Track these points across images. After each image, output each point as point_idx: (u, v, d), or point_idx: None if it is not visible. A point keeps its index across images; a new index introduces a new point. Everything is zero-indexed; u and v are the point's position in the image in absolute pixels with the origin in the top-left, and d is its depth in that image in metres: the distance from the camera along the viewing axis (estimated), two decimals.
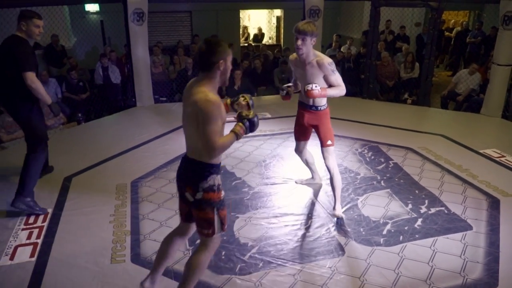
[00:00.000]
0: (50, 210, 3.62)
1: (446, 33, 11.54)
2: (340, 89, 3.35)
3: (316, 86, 3.26)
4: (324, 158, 3.54)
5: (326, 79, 3.33)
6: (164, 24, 10.74)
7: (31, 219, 3.48)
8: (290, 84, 3.59)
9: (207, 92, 2.16)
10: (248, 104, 2.55)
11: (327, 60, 3.28)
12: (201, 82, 2.23)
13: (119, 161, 4.64)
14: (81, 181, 4.17)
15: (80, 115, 6.28)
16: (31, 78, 3.41)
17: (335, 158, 3.60)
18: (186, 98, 2.26)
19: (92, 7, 9.75)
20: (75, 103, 6.96)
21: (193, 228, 2.52)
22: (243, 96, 2.58)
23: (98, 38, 9.28)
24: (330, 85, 3.35)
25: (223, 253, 3.08)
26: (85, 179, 4.24)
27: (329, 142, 3.53)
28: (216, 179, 2.30)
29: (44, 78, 6.76)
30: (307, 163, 4.03)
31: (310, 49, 3.26)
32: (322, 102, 3.50)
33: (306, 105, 3.53)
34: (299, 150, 3.90)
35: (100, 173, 4.37)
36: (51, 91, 6.73)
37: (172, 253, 2.59)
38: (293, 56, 3.48)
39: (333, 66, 3.32)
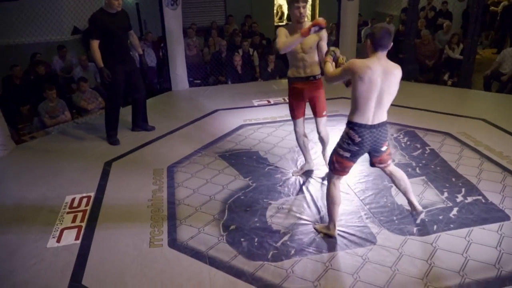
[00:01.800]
0: (92, 194, 3.81)
1: (492, 8, 10.96)
2: None
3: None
4: (321, 128, 3.86)
5: (319, 45, 3.57)
6: (198, 5, 10.74)
7: (75, 203, 3.68)
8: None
9: None
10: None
11: None
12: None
13: (156, 146, 4.79)
14: (120, 166, 4.35)
15: None
16: (92, 44, 4.36)
17: None
18: (386, 73, 2.73)
19: None
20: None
21: None
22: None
23: (134, 21, 9.37)
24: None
25: (256, 239, 3.16)
26: (124, 164, 4.41)
27: (325, 113, 3.84)
28: None
29: (83, 62, 7.00)
30: (304, 146, 4.06)
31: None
32: (319, 70, 3.65)
33: (304, 78, 3.67)
34: (299, 129, 3.93)
35: (138, 158, 4.53)
36: (91, 75, 6.95)
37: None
38: (284, 29, 3.54)
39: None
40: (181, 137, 5.00)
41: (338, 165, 2.98)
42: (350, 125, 2.87)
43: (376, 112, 2.84)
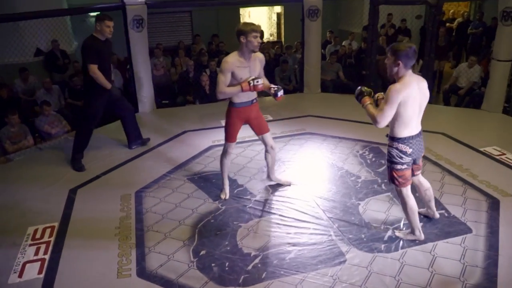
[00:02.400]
0: (56, 224, 3.70)
1: (448, 24, 11.47)
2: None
3: (260, 81, 3.58)
4: (270, 142, 3.98)
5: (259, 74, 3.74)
6: (164, 25, 10.77)
7: (38, 234, 3.56)
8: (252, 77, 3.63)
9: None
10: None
11: (262, 55, 3.78)
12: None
13: (123, 171, 4.72)
14: (86, 193, 4.26)
15: None
16: (92, 69, 4.47)
17: None
18: (419, 85, 3.01)
19: None
20: (79, 109, 7.02)
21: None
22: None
23: None
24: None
25: (227, 264, 3.15)
26: (90, 190, 4.32)
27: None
28: None
29: (47, 85, 6.85)
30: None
31: None
32: (256, 94, 3.82)
33: (249, 102, 3.79)
34: (231, 152, 4.02)
35: (105, 183, 4.45)
36: (54, 98, 6.81)
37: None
38: (230, 58, 3.58)
39: None
40: (149, 161, 4.95)
41: (401, 179, 3.17)
42: (399, 140, 3.06)
43: (417, 121, 3.09)
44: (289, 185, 4.26)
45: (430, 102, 6.65)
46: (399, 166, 3.13)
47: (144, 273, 3.07)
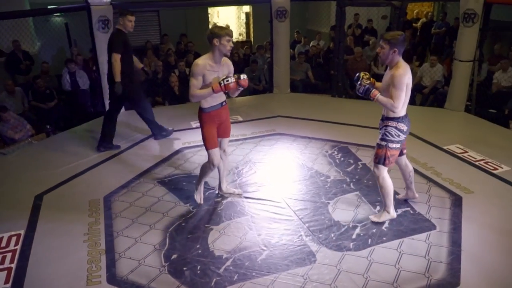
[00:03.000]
0: (22, 232, 3.61)
1: (413, 25, 11.78)
2: None
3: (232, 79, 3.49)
4: (225, 146, 3.95)
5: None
6: None
7: (3, 243, 3.46)
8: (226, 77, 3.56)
9: None
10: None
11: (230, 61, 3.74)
12: None
13: (91, 175, 4.63)
14: (53, 199, 4.16)
15: (48, 126, 6.18)
16: (115, 57, 4.83)
17: None
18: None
19: None
20: (43, 112, 6.85)
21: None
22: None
23: (63, 41, 9.08)
24: None
25: (198, 267, 3.15)
26: (57, 196, 4.22)
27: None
28: None
29: (9, 88, 6.63)
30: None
31: None
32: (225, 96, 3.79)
33: (221, 104, 3.73)
34: (219, 157, 3.85)
35: (72, 188, 4.36)
36: (18, 101, 6.61)
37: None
38: (201, 60, 3.50)
39: None
40: (117, 164, 4.87)
41: (392, 158, 3.44)
42: (399, 119, 3.33)
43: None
44: (240, 194, 4.15)
45: None
46: (394, 145, 3.39)
47: (114, 279, 3.03)
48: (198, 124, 3.90)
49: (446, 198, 4.02)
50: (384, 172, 3.49)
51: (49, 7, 8.28)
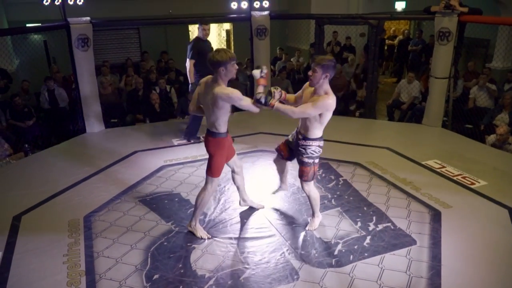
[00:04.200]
0: (0, 254, 3.51)
1: (388, 42, 12.09)
2: None
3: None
4: (238, 162, 4.05)
5: None
6: (111, 42, 10.59)
7: None
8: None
9: None
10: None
11: None
12: None
13: (71, 195, 4.55)
14: (31, 219, 4.07)
15: (27, 145, 6.08)
16: (189, 62, 5.61)
17: None
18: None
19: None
20: (22, 130, 6.74)
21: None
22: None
23: (42, 59, 9.00)
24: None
25: (181, 287, 3.12)
26: (36, 216, 4.13)
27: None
28: None
29: None
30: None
31: None
32: None
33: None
34: (216, 189, 4.08)
35: (51, 209, 4.28)
36: None
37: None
38: (204, 79, 3.49)
39: None
40: (98, 183, 4.80)
41: (317, 173, 3.79)
42: (319, 139, 3.52)
43: None
44: (263, 207, 4.21)
45: (374, 117, 7.10)
46: (317, 161, 3.60)
47: None
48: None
49: (425, 213, 4.09)
50: (312, 186, 3.69)
51: (27, 25, 8.25)
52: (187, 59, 5.62)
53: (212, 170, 3.57)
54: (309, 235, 3.75)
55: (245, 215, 4.11)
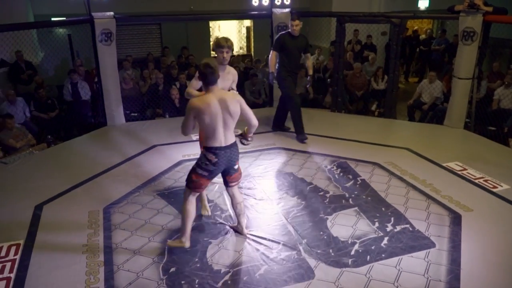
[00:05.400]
0: (21, 242, 3.60)
1: (415, 42, 11.89)
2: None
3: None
4: None
5: (232, 85, 3.95)
6: (133, 36, 10.69)
7: (3, 252, 3.46)
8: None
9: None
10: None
11: (235, 72, 4.02)
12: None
13: (91, 186, 4.63)
14: (52, 209, 4.16)
15: (49, 137, 6.20)
16: (271, 52, 5.94)
17: None
18: (222, 101, 3.18)
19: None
20: (45, 122, 6.88)
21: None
22: None
23: (66, 52, 9.14)
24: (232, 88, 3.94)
25: (197, 281, 3.14)
26: (57, 206, 4.22)
27: None
28: None
29: (11, 97, 6.66)
30: None
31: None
32: None
33: None
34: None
35: (72, 199, 4.36)
36: (19, 111, 6.63)
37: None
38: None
39: None
40: (117, 176, 4.87)
41: (196, 184, 3.34)
42: (207, 149, 3.28)
43: (224, 135, 3.27)
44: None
45: (394, 117, 7.02)
46: (200, 171, 3.32)
47: None
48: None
49: (445, 215, 4.02)
50: (188, 196, 3.38)
51: (53, 19, 8.40)
52: (271, 50, 5.93)
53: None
54: (326, 234, 3.73)
55: (261, 212, 4.11)
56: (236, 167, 3.48)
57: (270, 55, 5.91)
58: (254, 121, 3.45)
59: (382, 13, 8.36)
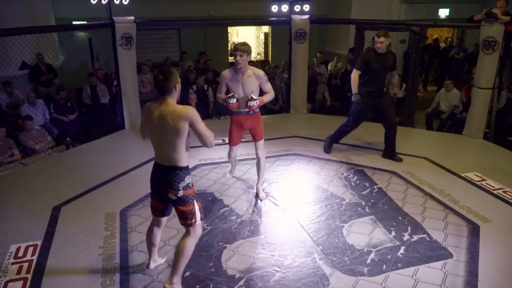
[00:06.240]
0: (39, 243, 3.65)
1: (434, 51, 11.77)
2: (271, 95, 4.16)
3: (256, 102, 3.98)
4: (257, 151, 4.31)
5: (261, 86, 4.08)
6: (153, 41, 10.83)
7: (21, 253, 3.51)
8: (232, 93, 4.06)
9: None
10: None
11: (262, 72, 4.09)
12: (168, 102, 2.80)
13: (108, 189, 4.69)
14: (70, 211, 4.21)
15: (68, 139, 6.30)
16: (353, 72, 5.26)
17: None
18: (161, 116, 2.76)
19: None
20: (64, 124, 6.99)
21: (165, 221, 3.22)
22: None
23: (86, 56, 9.31)
24: (264, 92, 4.11)
25: (211, 285, 3.15)
26: (74, 208, 4.27)
27: (263, 136, 4.35)
28: (190, 178, 2.93)
29: (31, 99, 6.80)
30: (235, 163, 4.70)
31: (246, 64, 3.96)
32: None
33: (244, 112, 4.15)
34: (233, 155, 4.49)
35: (89, 201, 4.41)
36: (39, 113, 6.76)
37: (157, 241, 3.23)
38: (226, 72, 4.10)
39: (267, 77, 4.13)
40: (134, 179, 4.92)
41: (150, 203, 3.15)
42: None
43: (159, 151, 2.86)
44: (261, 200, 4.44)
45: (412, 126, 6.94)
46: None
47: None
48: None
49: (463, 226, 3.96)
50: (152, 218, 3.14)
51: (74, 22, 8.55)
52: (353, 69, 5.31)
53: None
54: (342, 242, 3.71)
55: (277, 218, 4.10)
56: (169, 195, 2.85)
57: (352, 74, 5.24)
58: (207, 143, 2.89)
59: (402, 21, 8.30)
